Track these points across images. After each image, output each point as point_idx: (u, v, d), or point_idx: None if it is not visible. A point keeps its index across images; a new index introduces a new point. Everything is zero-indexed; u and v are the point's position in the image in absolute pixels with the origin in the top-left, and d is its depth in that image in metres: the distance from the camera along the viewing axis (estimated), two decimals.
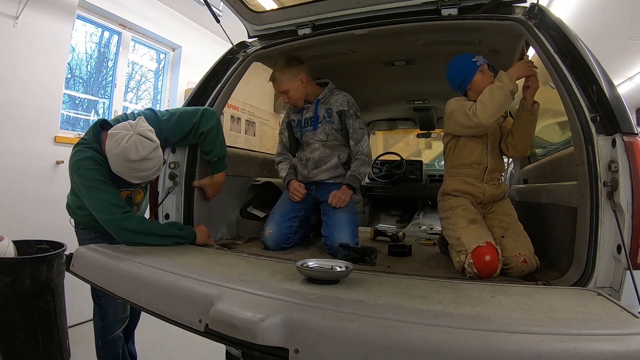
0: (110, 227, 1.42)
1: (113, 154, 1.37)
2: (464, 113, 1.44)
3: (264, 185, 2.25)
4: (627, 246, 1.03)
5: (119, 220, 1.41)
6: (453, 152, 1.61)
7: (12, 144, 2.48)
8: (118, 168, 1.40)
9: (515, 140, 1.56)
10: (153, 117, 1.58)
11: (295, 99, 1.90)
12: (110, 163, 1.41)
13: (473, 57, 1.57)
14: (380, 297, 0.96)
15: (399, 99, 3.08)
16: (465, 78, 1.56)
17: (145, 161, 1.38)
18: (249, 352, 0.79)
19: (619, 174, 1.07)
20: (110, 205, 1.42)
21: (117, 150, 1.35)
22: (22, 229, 2.39)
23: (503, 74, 1.41)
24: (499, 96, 1.38)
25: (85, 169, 1.43)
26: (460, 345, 0.67)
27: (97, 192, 1.42)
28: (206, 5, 1.83)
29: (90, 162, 1.44)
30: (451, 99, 1.58)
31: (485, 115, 1.39)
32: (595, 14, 3.44)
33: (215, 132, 1.68)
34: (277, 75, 1.86)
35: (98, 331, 1.72)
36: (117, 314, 1.72)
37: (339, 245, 1.62)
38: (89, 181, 1.42)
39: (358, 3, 1.72)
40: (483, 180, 1.55)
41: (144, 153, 1.36)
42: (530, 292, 1.03)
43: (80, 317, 2.61)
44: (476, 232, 1.38)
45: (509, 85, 1.39)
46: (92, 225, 1.56)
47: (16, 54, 2.49)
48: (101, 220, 1.43)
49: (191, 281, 0.98)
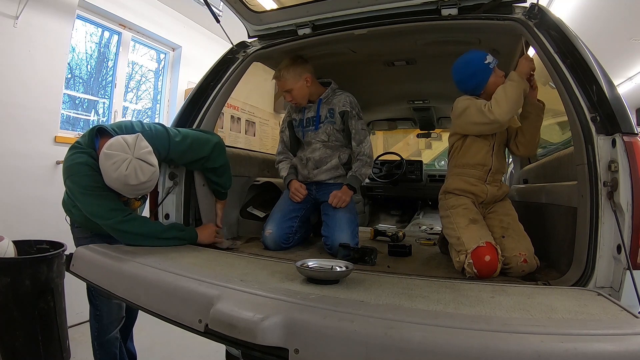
0: (111, 231, 1.42)
1: (110, 177, 1.32)
2: (478, 110, 1.42)
3: (264, 185, 2.25)
4: (627, 246, 1.03)
5: (119, 224, 1.40)
6: (458, 152, 1.59)
7: (12, 144, 2.48)
8: (114, 186, 1.36)
9: (526, 138, 1.56)
10: (165, 136, 1.52)
11: (299, 98, 1.89)
12: (105, 179, 1.36)
13: (484, 58, 1.52)
14: (380, 297, 0.96)
15: (399, 99, 3.08)
16: (479, 83, 1.53)
17: (144, 184, 1.35)
18: (249, 352, 0.79)
19: (619, 174, 1.06)
20: (109, 210, 1.40)
21: (115, 175, 1.31)
22: (22, 229, 2.39)
23: (514, 74, 1.41)
24: (512, 94, 1.38)
25: (79, 176, 1.39)
26: (460, 345, 0.67)
27: (94, 199, 1.39)
28: (206, 5, 1.83)
29: (85, 169, 1.39)
30: (460, 97, 1.55)
31: (501, 112, 1.38)
32: (595, 14, 3.44)
33: (226, 168, 1.73)
34: (281, 74, 1.85)
35: (94, 332, 1.71)
36: (112, 315, 1.71)
37: (339, 245, 1.62)
38: (84, 188, 1.39)
39: (358, 3, 1.72)
40: (486, 182, 1.55)
41: (144, 179, 1.33)
42: (530, 292, 1.03)
43: (80, 317, 2.60)
44: (476, 232, 1.38)
45: (522, 83, 1.40)
46: (88, 224, 1.54)
47: (16, 54, 2.49)
48: (102, 225, 1.41)
49: (191, 281, 0.98)
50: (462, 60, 1.57)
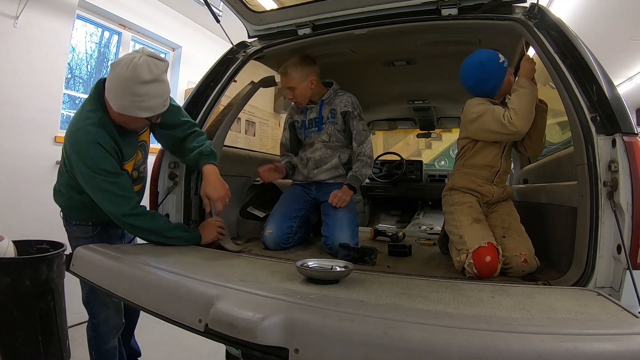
0: (117, 220, 1.39)
1: (122, 79, 1.25)
2: (496, 120, 1.39)
3: (264, 185, 2.24)
4: (627, 246, 1.03)
5: (126, 216, 1.37)
6: (468, 153, 1.58)
7: (12, 144, 2.48)
8: (126, 100, 1.28)
9: (533, 141, 1.54)
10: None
11: (300, 98, 1.89)
12: (116, 97, 1.29)
13: (497, 57, 1.48)
14: (380, 297, 0.96)
15: (399, 99, 3.08)
16: (496, 84, 1.49)
17: (157, 84, 1.29)
18: (249, 352, 0.79)
19: (619, 174, 1.06)
20: (118, 196, 1.36)
21: (127, 73, 1.24)
22: (22, 229, 2.39)
23: (524, 80, 1.39)
24: (528, 102, 1.37)
25: (90, 156, 1.32)
26: (460, 345, 0.67)
27: (105, 183, 1.34)
28: (206, 5, 1.83)
29: (97, 149, 1.32)
30: (472, 100, 1.50)
31: (522, 123, 1.37)
32: (595, 14, 3.45)
33: (193, 123, 1.62)
34: (288, 71, 1.83)
35: (91, 341, 1.63)
36: (110, 322, 1.62)
37: (339, 245, 1.61)
38: (95, 170, 1.33)
39: (358, 3, 1.72)
40: (493, 182, 1.55)
41: (157, 72, 1.28)
42: (530, 292, 1.03)
43: (80, 317, 2.59)
44: (479, 231, 1.37)
45: (534, 89, 1.39)
46: (85, 214, 1.50)
47: (16, 54, 2.49)
48: (107, 212, 1.38)
49: (191, 281, 0.98)
50: (475, 62, 1.51)
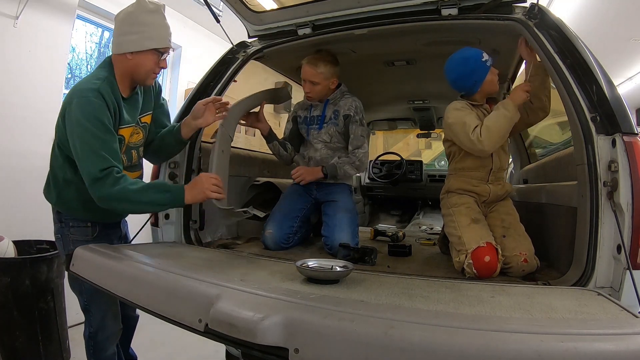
0: (87, 184, 1.26)
1: (128, 13, 1.38)
2: (465, 135, 1.40)
3: (264, 185, 2.25)
4: (627, 246, 1.03)
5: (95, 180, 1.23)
6: (458, 156, 1.58)
7: (12, 143, 2.48)
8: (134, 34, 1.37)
9: (540, 100, 1.51)
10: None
11: (315, 94, 1.87)
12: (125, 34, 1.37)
13: (481, 55, 1.49)
14: (380, 297, 0.96)
15: (399, 99, 3.08)
16: (476, 81, 1.50)
17: (161, 15, 1.48)
18: (249, 351, 0.79)
19: (619, 174, 1.06)
20: (97, 155, 1.23)
21: (131, 8, 1.38)
22: (22, 229, 2.39)
23: (510, 104, 1.39)
24: (504, 127, 1.38)
25: (89, 101, 1.25)
26: (460, 345, 0.67)
27: (90, 135, 1.24)
28: (206, 5, 1.83)
29: (98, 98, 1.26)
30: (451, 106, 1.52)
31: (490, 144, 1.38)
32: (595, 14, 3.45)
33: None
34: (318, 65, 1.80)
35: (89, 349, 1.53)
36: (107, 330, 1.52)
37: (339, 245, 1.62)
38: (88, 118, 1.24)
39: (358, 3, 1.72)
40: (488, 181, 1.55)
41: (159, 5, 1.48)
42: (530, 292, 1.03)
43: (80, 317, 2.56)
44: (477, 232, 1.38)
45: (516, 116, 1.39)
46: (84, 211, 1.43)
47: (16, 54, 2.49)
48: (81, 170, 1.27)
49: (191, 281, 0.98)
50: (459, 57, 1.52)
